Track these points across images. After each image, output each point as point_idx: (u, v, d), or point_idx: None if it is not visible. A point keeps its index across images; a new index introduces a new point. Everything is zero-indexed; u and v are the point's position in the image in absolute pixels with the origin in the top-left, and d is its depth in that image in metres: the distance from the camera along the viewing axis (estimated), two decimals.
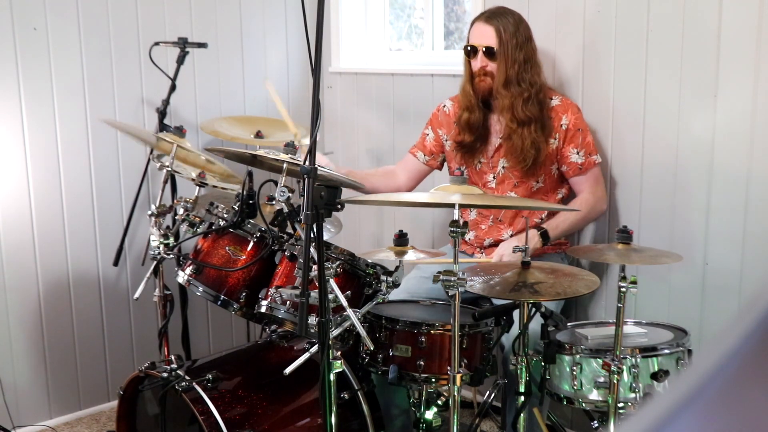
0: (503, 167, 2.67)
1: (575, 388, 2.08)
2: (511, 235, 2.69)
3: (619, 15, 2.61)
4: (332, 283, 1.91)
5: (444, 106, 2.82)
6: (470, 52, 2.60)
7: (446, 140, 2.80)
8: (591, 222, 2.75)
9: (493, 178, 2.70)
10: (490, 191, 2.68)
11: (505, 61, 2.54)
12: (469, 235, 2.75)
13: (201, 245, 2.38)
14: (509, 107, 2.54)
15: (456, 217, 1.91)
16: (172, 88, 2.97)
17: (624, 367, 2.00)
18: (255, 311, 2.26)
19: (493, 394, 2.54)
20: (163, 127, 2.93)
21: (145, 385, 2.33)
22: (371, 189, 2.83)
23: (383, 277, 2.15)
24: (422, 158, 2.86)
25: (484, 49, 2.56)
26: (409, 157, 2.90)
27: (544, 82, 2.62)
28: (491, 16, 2.58)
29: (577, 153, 2.60)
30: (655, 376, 2.05)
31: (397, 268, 2.16)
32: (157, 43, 3.00)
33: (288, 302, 2.12)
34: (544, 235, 2.56)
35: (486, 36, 2.56)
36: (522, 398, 2.14)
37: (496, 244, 2.70)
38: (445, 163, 2.88)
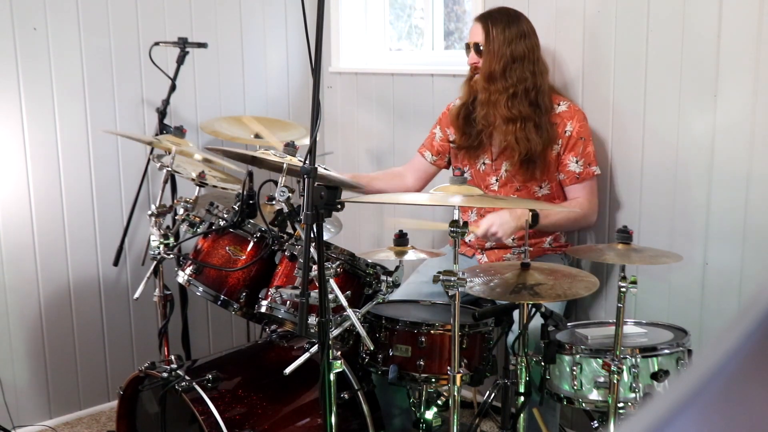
0: (506, 170, 2.66)
1: (575, 388, 2.08)
2: (512, 238, 2.68)
3: (619, 15, 2.61)
4: (332, 283, 1.91)
5: (453, 105, 2.82)
6: (467, 50, 2.67)
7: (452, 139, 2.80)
8: (578, 229, 2.74)
9: (496, 180, 2.69)
10: (492, 194, 2.67)
11: (489, 56, 2.56)
12: (470, 237, 2.74)
13: (201, 245, 2.38)
14: (487, 102, 2.54)
15: (456, 217, 1.91)
16: (172, 88, 2.97)
17: (624, 367, 2.00)
18: (255, 311, 2.27)
19: (493, 394, 2.54)
20: (163, 127, 2.93)
21: (145, 385, 2.33)
22: (377, 193, 2.82)
23: (383, 277, 2.15)
24: (430, 158, 2.85)
25: (473, 45, 2.62)
26: (417, 156, 2.89)
27: (544, 83, 2.59)
28: (485, 14, 2.63)
29: (576, 162, 2.57)
30: (655, 376, 2.04)
31: (397, 268, 2.16)
32: (157, 43, 3.00)
33: (288, 302, 2.12)
34: (535, 217, 2.54)
35: (476, 33, 2.62)
36: (522, 398, 2.14)
37: (497, 246, 2.69)
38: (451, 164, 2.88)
